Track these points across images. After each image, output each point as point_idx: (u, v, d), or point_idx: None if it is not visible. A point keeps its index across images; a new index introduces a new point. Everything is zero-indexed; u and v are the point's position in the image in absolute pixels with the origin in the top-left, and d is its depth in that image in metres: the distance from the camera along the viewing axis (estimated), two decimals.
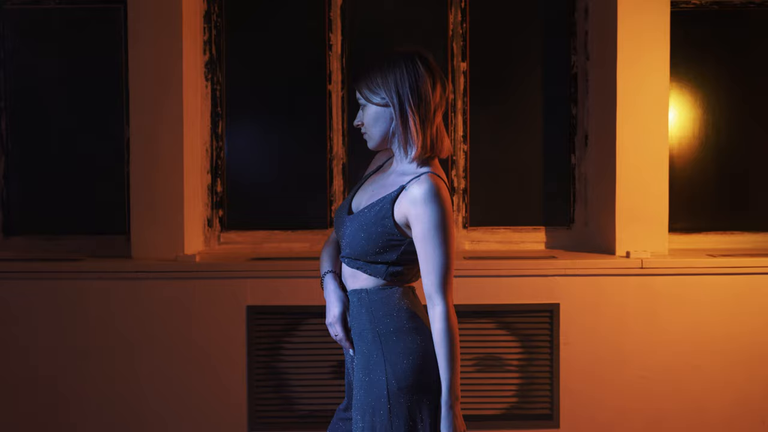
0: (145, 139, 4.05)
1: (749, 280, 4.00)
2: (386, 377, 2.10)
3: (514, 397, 4.02)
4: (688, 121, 4.46)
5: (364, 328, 2.16)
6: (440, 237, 2.04)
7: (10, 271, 3.97)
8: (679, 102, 4.43)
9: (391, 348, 2.11)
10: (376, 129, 2.19)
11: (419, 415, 2.10)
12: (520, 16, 4.42)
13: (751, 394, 4.01)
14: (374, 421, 2.10)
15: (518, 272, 3.99)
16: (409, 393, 2.09)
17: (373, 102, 2.17)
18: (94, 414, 3.94)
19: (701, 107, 4.46)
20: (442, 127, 2.18)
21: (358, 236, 2.14)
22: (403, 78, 2.12)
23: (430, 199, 2.04)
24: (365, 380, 2.13)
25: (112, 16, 4.33)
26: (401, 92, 2.12)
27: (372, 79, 2.16)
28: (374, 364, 2.12)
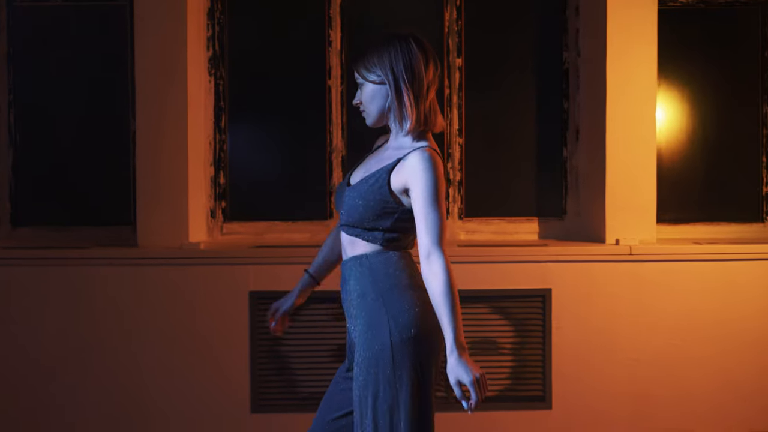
0: (150, 133, 4.19)
1: (733, 266, 4.18)
2: (389, 330, 2.24)
3: (508, 379, 4.17)
4: (676, 116, 4.62)
5: (366, 290, 2.30)
6: (438, 199, 2.20)
7: (19, 257, 4.11)
8: (667, 98, 4.60)
9: (393, 303, 2.26)
10: (373, 105, 2.34)
11: (420, 365, 2.24)
12: (514, 14, 4.58)
13: (737, 377, 4.17)
14: (377, 373, 2.24)
15: (511, 258, 4.15)
16: (412, 344, 2.24)
17: (370, 80, 2.32)
18: (101, 392, 4.08)
19: (689, 103, 4.63)
20: (435, 103, 2.34)
21: (357, 204, 2.29)
22: (398, 57, 2.27)
23: (428, 167, 2.20)
24: (368, 336, 2.27)
25: (118, 13, 4.47)
26: (396, 70, 2.27)
27: (369, 59, 2.32)
28: (377, 320, 2.26)
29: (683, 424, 4.15)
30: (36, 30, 4.46)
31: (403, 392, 2.26)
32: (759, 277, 4.19)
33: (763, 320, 4.19)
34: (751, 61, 4.62)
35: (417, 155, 2.22)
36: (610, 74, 4.25)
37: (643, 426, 4.14)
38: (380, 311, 2.27)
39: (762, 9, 4.58)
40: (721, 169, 4.65)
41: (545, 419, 4.14)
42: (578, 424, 4.14)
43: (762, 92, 4.60)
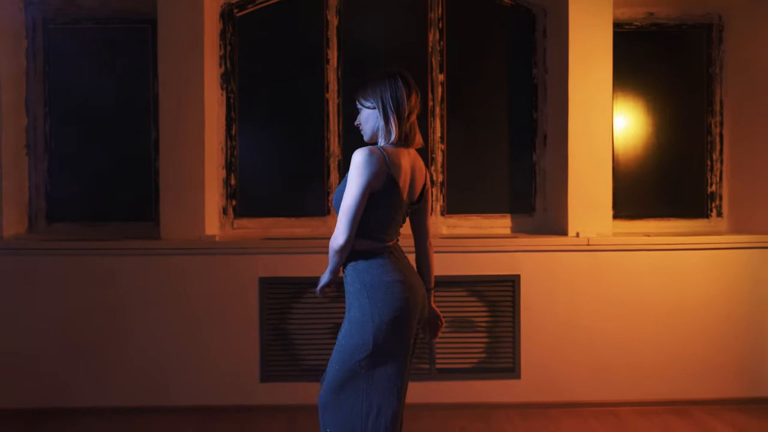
0: (172, 140, 4.76)
1: (678, 254, 4.77)
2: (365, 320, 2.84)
3: (483, 353, 4.76)
4: (632, 124, 5.22)
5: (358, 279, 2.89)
6: (355, 184, 2.81)
7: (58, 248, 4.66)
8: (624, 108, 5.20)
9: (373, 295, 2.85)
10: (368, 125, 2.96)
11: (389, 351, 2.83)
12: (490, 35, 5.16)
13: (681, 350, 4.76)
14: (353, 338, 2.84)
15: (486, 249, 4.73)
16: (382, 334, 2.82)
17: (366, 107, 2.94)
18: (131, 361, 4.64)
19: (643, 113, 5.23)
20: (415, 125, 2.95)
21: (336, 197, 2.93)
22: (386, 89, 2.89)
23: (357, 157, 2.83)
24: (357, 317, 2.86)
25: (141, 34, 5.04)
26: (384, 99, 2.89)
27: (365, 90, 2.93)
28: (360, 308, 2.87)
29: (634, 391, 4.74)
30: (69, 49, 5.00)
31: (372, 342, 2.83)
32: (700, 264, 4.78)
33: (704, 301, 4.78)
34: (698, 76, 5.22)
35: (358, 151, 2.86)
36: (571, 88, 4.84)
37: (600, 393, 4.73)
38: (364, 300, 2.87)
39: (707, 32, 5.19)
40: (671, 172, 5.24)
41: (515, 387, 4.73)
42: (543, 391, 4.73)
43: (707, 104, 5.21)
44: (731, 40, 5.14)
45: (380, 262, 2.89)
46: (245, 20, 5.04)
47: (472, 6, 5.09)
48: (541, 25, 5.12)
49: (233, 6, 5.00)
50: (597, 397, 4.73)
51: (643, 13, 5.16)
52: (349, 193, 2.78)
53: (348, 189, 2.79)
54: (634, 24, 5.18)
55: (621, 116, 5.19)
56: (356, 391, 2.81)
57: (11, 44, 4.83)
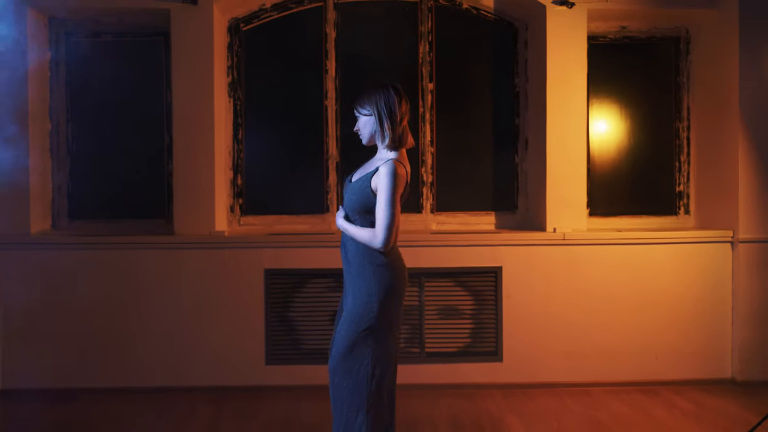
0: (185, 143, 5.19)
1: (647, 248, 5.22)
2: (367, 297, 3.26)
3: (468, 338, 5.21)
4: (607, 128, 5.66)
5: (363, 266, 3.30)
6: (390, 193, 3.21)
7: (81, 243, 5.10)
8: (599, 114, 5.64)
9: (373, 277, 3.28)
10: (365, 131, 3.40)
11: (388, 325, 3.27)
12: (476, 47, 5.60)
13: (645, 335, 5.21)
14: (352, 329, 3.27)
15: (471, 243, 5.18)
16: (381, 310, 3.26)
17: (363, 114, 3.38)
18: (147, 348, 5.08)
19: (617, 118, 5.67)
20: (407, 128, 3.39)
21: (351, 198, 3.34)
22: (381, 99, 3.33)
23: (388, 170, 3.23)
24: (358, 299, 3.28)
25: (155, 46, 5.47)
26: (379, 107, 3.33)
27: (362, 100, 3.37)
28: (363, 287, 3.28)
29: (606, 373, 5.18)
30: (89, 60, 5.42)
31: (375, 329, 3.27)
32: (668, 257, 5.23)
33: (672, 291, 5.23)
34: (667, 85, 5.67)
35: (385, 166, 3.26)
36: (549, 96, 5.28)
37: (574, 375, 5.17)
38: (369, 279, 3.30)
39: (675, 44, 5.65)
40: (643, 172, 5.69)
41: (498, 370, 5.18)
42: (523, 373, 5.18)
43: (675, 110, 5.66)
44: (697, 52, 5.59)
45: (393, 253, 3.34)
46: (250, 34, 5.48)
47: (459, 20, 5.54)
48: (522, 37, 5.57)
49: (240, 21, 5.45)
50: (572, 378, 5.18)
51: (616, 27, 5.61)
52: (389, 204, 3.20)
53: (386, 201, 3.20)
54: (608, 37, 5.62)
55: (597, 121, 5.63)
56: (361, 357, 3.25)
57: (37, 56, 5.26)
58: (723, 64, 5.31)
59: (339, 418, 3.31)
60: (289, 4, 5.47)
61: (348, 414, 3.27)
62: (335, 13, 5.48)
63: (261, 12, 5.46)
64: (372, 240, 3.24)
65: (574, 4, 5.21)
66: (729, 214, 5.26)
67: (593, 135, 5.62)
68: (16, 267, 5.02)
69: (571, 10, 5.23)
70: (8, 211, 5.09)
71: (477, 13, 5.54)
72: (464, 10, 5.53)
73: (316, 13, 5.49)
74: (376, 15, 5.54)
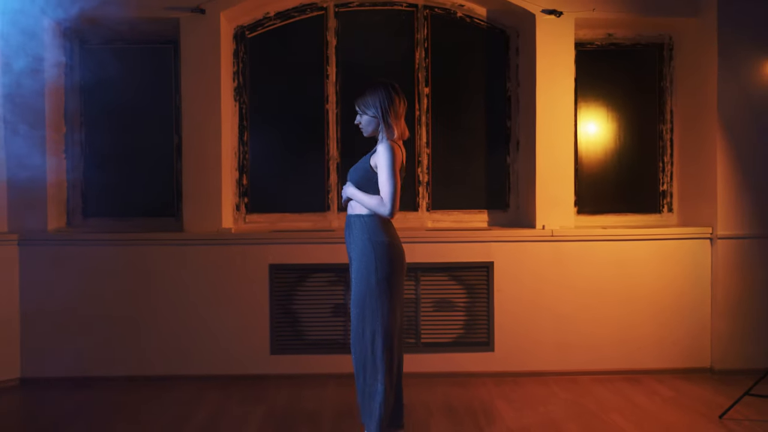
0: (193, 145, 5.49)
1: (631, 244, 5.51)
2: (372, 270, 3.59)
3: (462, 329, 5.51)
4: (595, 130, 5.95)
5: (365, 239, 3.64)
6: (390, 168, 3.56)
7: (96, 239, 5.40)
8: (587, 117, 5.93)
9: (377, 252, 3.60)
10: (369, 127, 3.75)
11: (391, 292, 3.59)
12: (469, 53, 5.89)
13: (629, 326, 5.51)
14: (365, 283, 3.59)
15: (465, 239, 5.48)
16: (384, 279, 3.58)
17: (368, 113, 3.68)
18: (158, 339, 5.38)
19: (604, 121, 5.96)
20: (403, 123, 3.72)
21: (353, 176, 3.72)
22: (383, 99, 3.66)
23: (385, 149, 3.58)
24: (364, 276, 3.61)
25: (164, 53, 5.75)
26: (382, 106, 3.65)
27: (364, 99, 3.71)
28: (368, 263, 3.61)
29: (592, 362, 5.48)
30: (102, 66, 5.69)
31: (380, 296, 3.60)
32: (651, 253, 5.53)
33: (654, 286, 5.52)
34: (651, 89, 5.96)
35: (381, 145, 3.63)
36: (539, 100, 5.58)
37: (562, 364, 5.47)
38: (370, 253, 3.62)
39: (659, 51, 5.94)
40: (628, 172, 5.98)
41: (489, 359, 5.48)
42: (514, 362, 5.47)
43: (659, 113, 5.95)
44: (680, 58, 5.88)
45: (386, 227, 3.70)
46: (255, 41, 5.77)
47: (454, 28, 5.83)
48: (513, 44, 5.86)
49: (245, 28, 5.74)
50: (559, 367, 5.48)
51: (602, 34, 5.90)
52: (390, 176, 3.56)
53: (387, 173, 3.56)
54: (595, 43, 5.91)
55: (585, 123, 5.93)
56: (371, 329, 3.62)
57: (53, 63, 5.54)
58: (703, 69, 5.59)
59: (360, 385, 3.68)
60: (292, 13, 5.76)
61: (367, 381, 3.66)
62: (336, 21, 5.77)
63: (265, 20, 5.75)
64: (379, 206, 3.59)
65: (562, 13, 5.50)
66: (708, 212, 5.55)
67: (581, 137, 5.91)
68: (35, 262, 5.32)
69: (560, 18, 5.52)
70: (27, 210, 5.38)
71: (470, 21, 5.83)
72: (458, 19, 5.82)
73: (318, 22, 5.78)
74: (375, 23, 5.83)
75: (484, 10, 5.79)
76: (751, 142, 5.40)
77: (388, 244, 3.65)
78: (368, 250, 3.63)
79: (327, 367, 5.38)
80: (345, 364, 5.13)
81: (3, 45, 5.25)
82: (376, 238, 3.64)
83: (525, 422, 4.43)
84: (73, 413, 4.69)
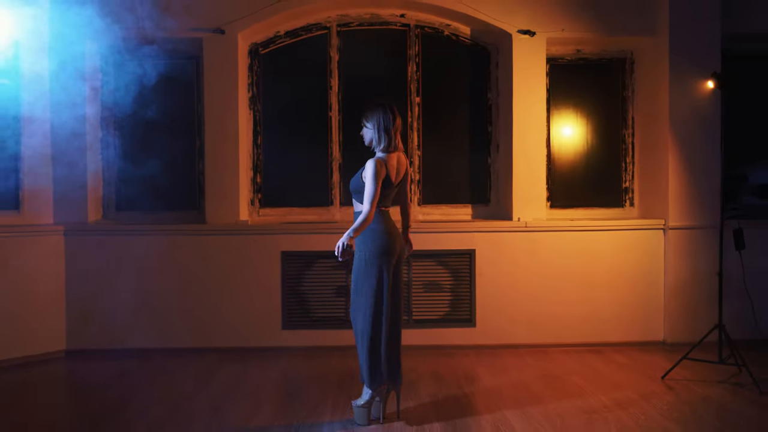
0: (214, 148, 6.30)
1: (594, 234, 6.34)
2: (366, 251, 4.39)
3: (448, 308, 6.34)
4: (566, 134, 6.76)
5: (363, 234, 4.42)
6: (373, 184, 4.30)
7: (129, 230, 6.21)
8: (559, 123, 6.75)
9: (370, 237, 4.40)
10: (367, 137, 4.52)
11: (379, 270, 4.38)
12: (455, 67, 6.70)
13: (593, 305, 6.34)
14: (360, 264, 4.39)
15: (451, 230, 6.30)
16: (374, 258, 4.37)
17: (367, 126, 4.48)
18: (185, 315, 6.19)
19: (574, 126, 6.77)
20: (398, 137, 4.50)
21: (351, 184, 4.47)
22: (380, 114, 4.45)
23: (370, 166, 4.34)
24: (360, 256, 4.41)
25: (188, 67, 6.55)
26: (378, 122, 4.44)
27: (366, 114, 4.49)
28: (363, 246, 4.41)
29: (560, 337, 6.31)
30: (134, 78, 6.46)
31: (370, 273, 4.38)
32: (612, 242, 6.35)
33: (616, 270, 6.35)
34: (615, 98, 6.78)
35: (369, 162, 4.39)
36: (515, 108, 6.40)
37: (534, 338, 6.31)
38: (365, 241, 4.42)
39: (621, 64, 6.75)
40: (596, 171, 6.80)
41: (471, 333, 6.31)
42: (492, 336, 6.30)
43: (622, 120, 6.77)
44: (640, 71, 6.69)
45: (379, 218, 4.44)
46: (267, 56, 6.58)
47: (442, 45, 6.64)
48: (494, 59, 6.67)
49: (258, 45, 6.55)
50: (532, 340, 6.31)
51: (572, 50, 6.72)
52: (371, 185, 4.30)
53: (369, 183, 4.30)
54: (566, 58, 6.73)
55: (557, 128, 6.74)
56: (364, 303, 4.39)
57: (91, 78, 6.35)
58: (658, 82, 6.41)
59: (359, 352, 4.45)
60: (300, 32, 6.57)
61: (359, 347, 4.42)
62: (338, 39, 6.58)
63: (276, 38, 6.56)
64: (362, 212, 4.30)
65: (535, 33, 6.32)
66: (662, 205, 6.37)
67: (554, 140, 6.72)
68: (78, 250, 6.14)
69: (533, 38, 6.34)
70: (71, 205, 6.21)
71: (456, 39, 6.64)
72: (446, 37, 6.63)
73: (322, 40, 6.59)
74: (372, 40, 6.64)
75: (468, 29, 6.61)
76: (697, 146, 6.22)
77: (380, 231, 4.41)
78: (365, 236, 4.41)
79: (331, 340, 6.20)
80: (347, 337, 5.92)
81: (53, 65, 6.05)
82: (371, 226, 4.41)
83: (499, 383, 5.26)
84: (114, 376, 5.51)
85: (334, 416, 4.53)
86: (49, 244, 6.07)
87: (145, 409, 4.70)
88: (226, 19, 6.25)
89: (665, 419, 4.42)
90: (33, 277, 6.00)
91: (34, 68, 6.06)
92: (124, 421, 4.52)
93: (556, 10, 6.39)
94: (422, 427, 4.34)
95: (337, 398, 4.88)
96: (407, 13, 6.58)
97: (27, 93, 6.05)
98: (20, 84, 6.04)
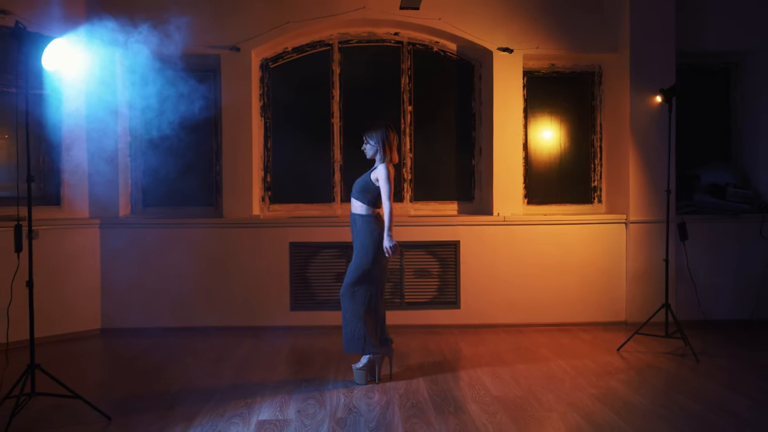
0: (231, 150, 7.14)
1: (566, 227, 7.19)
2: (376, 233, 5.20)
3: (436, 292, 7.19)
4: (542, 139, 7.61)
5: (364, 230, 5.25)
6: (388, 184, 5.15)
7: (155, 223, 7.04)
8: (535, 128, 7.59)
9: (376, 222, 5.22)
10: (370, 152, 5.33)
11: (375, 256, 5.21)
12: (444, 78, 7.53)
13: (564, 290, 7.19)
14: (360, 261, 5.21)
15: (438, 223, 7.15)
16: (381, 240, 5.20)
17: (370, 143, 5.31)
18: (204, 298, 7.02)
19: (549, 131, 7.62)
20: (396, 151, 5.32)
21: (357, 186, 5.30)
22: (382, 134, 5.27)
23: (384, 169, 5.18)
24: (373, 237, 5.22)
25: (206, 79, 7.38)
26: (381, 139, 5.27)
27: (370, 132, 5.31)
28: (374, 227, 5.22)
29: (534, 317, 7.16)
30: (157, 89, 7.26)
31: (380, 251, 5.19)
32: (582, 234, 7.20)
33: (584, 260, 7.19)
34: (585, 107, 7.63)
35: (381, 165, 5.22)
36: (495, 116, 7.25)
37: (511, 318, 7.15)
38: (366, 237, 5.24)
39: (591, 77, 7.60)
40: (568, 172, 7.64)
41: (456, 315, 7.15)
42: (475, 317, 7.15)
43: (591, 126, 7.61)
44: (607, 83, 7.54)
45: (378, 219, 5.25)
46: (277, 69, 7.42)
47: (431, 59, 7.48)
48: (477, 72, 7.52)
49: (269, 60, 7.39)
50: (510, 321, 7.17)
51: (547, 65, 7.57)
52: (388, 186, 5.10)
53: (385, 185, 5.10)
54: (541, 71, 7.58)
55: (534, 133, 7.58)
56: (361, 286, 5.21)
57: (122, 90, 7.19)
58: (621, 93, 7.26)
59: (346, 326, 5.26)
60: (305, 48, 7.41)
61: (352, 322, 5.23)
62: (339, 54, 7.42)
63: (284, 54, 7.40)
64: (386, 207, 5.10)
65: (513, 50, 7.17)
66: (624, 202, 7.22)
67: (531, 143, 7.57)
68: (111, 240, 6.97)
69: (511, 54, 7.19)
70: (104, 201, 7.05)
71: (444, 54, 7.49)
72: (435, 52, 7.48)
73: (325, 55, 7.43)
74: (370, 55, 7.47)
75: (455, 46, 7.45)
76: (653, 150, 7.07)
77: (380, 233, 5.18)
78: (366, 237, 5.19)
79: (333, 320, 7.03)
80: None
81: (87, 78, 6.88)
82: (371, 229, 5.18)
83: (476, 352, 6.12)
84: (146, 350, 6.35)
85: (338, 377, 5.39)
86: (86, 236, 6.91)
87: (181, 372, 5.57)
88: (241, 38, 7.09)
89: (614, 381, 5.28)
90: (72, 265, 6.84)
91: (73, 83, 6.89)
92: (166, 378, 5.39)
93: (532, 29, 7.24)
94: (410, 382, 5.22)
95: (339, 365, 5.73)
96: (400, 31, 7.41)
97: (68, 104, 6.88)
98: (62, 98, 6.86)
